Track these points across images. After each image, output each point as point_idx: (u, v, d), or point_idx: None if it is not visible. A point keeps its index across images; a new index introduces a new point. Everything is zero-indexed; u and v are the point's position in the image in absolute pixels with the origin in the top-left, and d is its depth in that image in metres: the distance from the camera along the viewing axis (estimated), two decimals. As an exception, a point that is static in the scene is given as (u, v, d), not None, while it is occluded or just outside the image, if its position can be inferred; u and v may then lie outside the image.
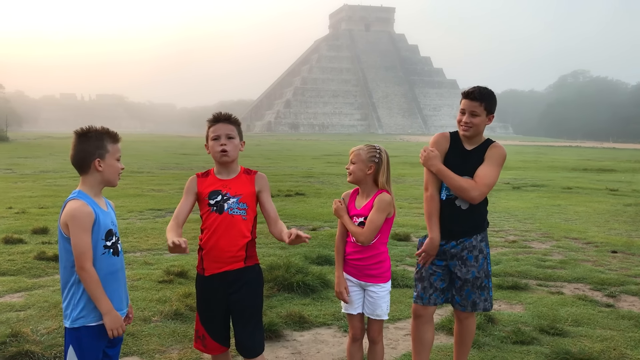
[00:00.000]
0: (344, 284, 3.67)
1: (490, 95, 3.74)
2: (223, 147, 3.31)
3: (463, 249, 3.74)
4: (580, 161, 36.39)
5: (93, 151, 2.91)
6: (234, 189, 3.33)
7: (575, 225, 11.13)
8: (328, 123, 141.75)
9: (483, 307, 3.82)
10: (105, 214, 2.96)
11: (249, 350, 3.34)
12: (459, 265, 3.75)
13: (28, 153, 35.32)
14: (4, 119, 72.81)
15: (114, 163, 2.98)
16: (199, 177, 3.43)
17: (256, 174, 3.44)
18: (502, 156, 3.74)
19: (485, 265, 3.80)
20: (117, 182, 3.05)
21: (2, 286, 6.17)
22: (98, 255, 2.88)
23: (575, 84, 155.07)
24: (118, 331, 2.90)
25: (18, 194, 14.34)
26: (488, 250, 3.85)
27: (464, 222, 3.74)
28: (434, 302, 3.86)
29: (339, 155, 39.25)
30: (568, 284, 6.78)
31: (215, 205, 3.29)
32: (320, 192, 16.18)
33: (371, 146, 3.67)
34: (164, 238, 8.93)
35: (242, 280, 3.30)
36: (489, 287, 3.85)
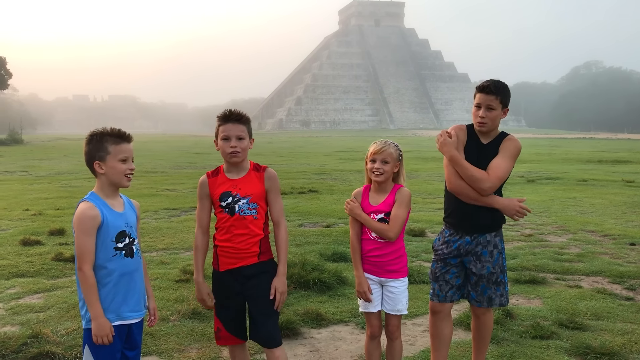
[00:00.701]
0: (366, 284, 3.64)
1: (505, 88, 3.72)
2: (233, 149, 3.34)
3: (477, 245, 3.72)
4: (594, 153, 36.05)
5: (94, 154, 2.95)
6: (244, 189, 3.37)
7: (591, 217, 11.03)
8: (339, 119, 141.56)
9: (499, 302, 3.80)
10: (117, 216, 2.96)
11: (269, 341, 3.42)
12: (473, 261, 3.73)
13: (43, 155, 35.63)
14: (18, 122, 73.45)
15: (116, 164, 2.94)
16: (209, 177, 3.46)
17: (265, 171, 3.45)
18: (516, 148, 3.71)
19: (500, 261, 3.77)
20: (126, 182, 3.00)
21: (21, 287, 6.24)
22: (109, 257, 2.90)
23: (588, 75, 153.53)
24: (103, 339, 2.85)
25: (34, 196, 14.47)
26: (503, 245, 3.82)
27: (480, 217, 3.70)
28: (451, 299, 3.85)
29: (351, 151, 39.20)
30: (586, 278, 6.72)
31: (227, 207, 3.36)
32: (333, 188, 16.17)
33: (394, 144, 3.68)
34: (179, 237, 8.99)
35: (257, 274, 3.38)
36: (505, 282, 3.82)
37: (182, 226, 10.01)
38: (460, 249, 3.74)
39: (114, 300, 2.94)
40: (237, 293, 3.38)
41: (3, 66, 61.53)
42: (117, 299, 2.94)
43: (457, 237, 3.76)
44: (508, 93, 3.72)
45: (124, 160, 2.97)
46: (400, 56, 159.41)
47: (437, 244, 3.89)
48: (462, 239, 3.74)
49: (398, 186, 3.67)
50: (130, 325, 3.02)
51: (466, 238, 3.73)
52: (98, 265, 2.89)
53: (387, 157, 3.59)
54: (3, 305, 5.65)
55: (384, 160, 3.59)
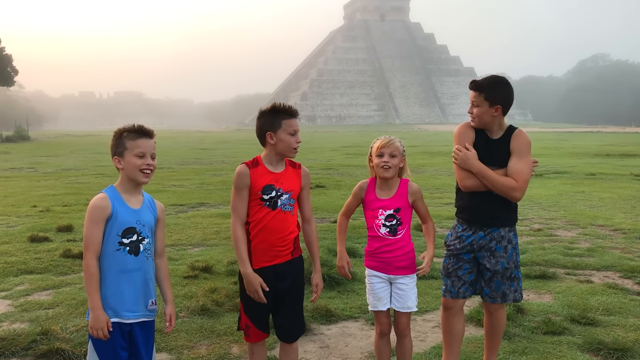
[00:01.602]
0: (346, 258, 3.69)
1: (492, 84, 3.58)
2: (299, 143, 3.37)
3: (491, 240, 3.66)
4: (602, 146, 35.84)
5: (114, 150, 2.98)
6: (286, 184, 3.34)
7: (600, 212, 10.96)
8: (345, 114, 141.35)
9: (513, 297, 3.74)
10: (130, 212, 2.93)
11: (293, 335, 3.47)
12: (487, 256, 3.67)
13: (49, 151, 35.74)
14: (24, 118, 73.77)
15: (132, 159, 2.93)
16: (250, 167, 3.33)
17: (302, 169, 3.47)
18: (528, 144, 3.65)
19: (514, 256, 3.72)
20: (142, 178, 2.96)
21: (30, 284, 6.24)
22: (111, 250, 2.87)
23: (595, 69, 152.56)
24: (98, 332, 2.80)
25: (41, 192, 14.50)
26: (517, 240, 3.77)
27: (494, 210, 3.64)
28: (463, 295, 3.80)
29: (357, 146, 39.13)
30: (597, 272, 6.66)
31: (269, 201, 3.29)
32: (340, 183, 16.13)
33: (396, 139, 3.65)
34: (187, 233, 8.97)
35: (290, 271, 3.38)
36: (519, 277, 3.77)
37: (189, 222, 10.00)
38: (474, 245, 3.69)
39: (113, 296, 2.88)
40: (269, 290, 3.33)
41: (9, 63, 61.60)
42: (115, 295, 2.88)
43: (470, 232, 3.71)
44: (496, 90, 3.57)
45: (141, 155, 2.94)
46: (406, 51, 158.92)
47: (450, 239, 3.84)
48: (476, 234, 3.68)
49: (405, 181, 3.64)
50: (131, 324, 2.94)
51: (479, 233, 3.67)
52: (101, 258, 2.87)
53: (395, 151, 3.57)
54: (12, 302, 5.65)
55: (391, 154, 3.56)
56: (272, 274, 3.33)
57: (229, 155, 31.04)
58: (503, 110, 3.61)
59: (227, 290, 5.72)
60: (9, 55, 61.65)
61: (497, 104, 3.56)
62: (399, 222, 3.57)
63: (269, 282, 3.33)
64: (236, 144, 45.17)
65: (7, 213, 11.12)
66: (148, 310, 3.01)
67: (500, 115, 3.62)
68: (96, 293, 2.82)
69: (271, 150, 3.35)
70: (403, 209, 3.58)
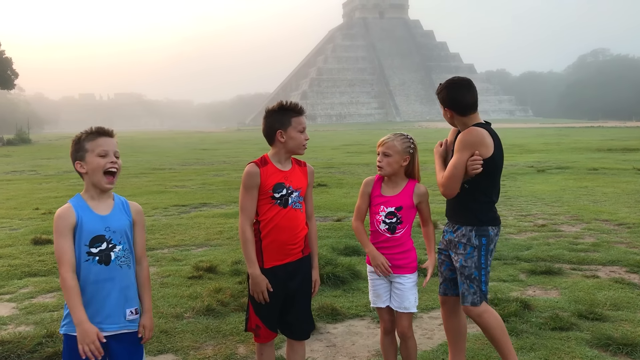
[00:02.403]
0: (381, 256, 3.51)
1: (441, 88, 3.62)
2: (307, 140, 3.37)
3: (456, 236, 3.65)
4: (604, 141, 35.79)
5: (74, 155, 2.82)
6: (295, 182, 3.33)
7: (604, 206, 10.92)
8: (345, 113, 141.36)
9: (471, 300, 3.54)
10: (97, 219, 2.73)
11: (304, 333, 3.48)
12: (453, 253, 3.67)
13: (50, 154, 35.73)
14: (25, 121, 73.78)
15: (94, 159, 2.74)
16: (260, 166, 3.29)
17: (307, 167, 3.47)
18: (461, 142, 3.50)
19: (475, 256, 3.55)
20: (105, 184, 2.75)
21: (34, 287, 6.22)
22: (81, 261, 2.69)
23: (595, 63, 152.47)
24: (90, 347, 2.56)
25: (43, 195, 14.49)
26: (484, 243, 3.56)
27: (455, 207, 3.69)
28: (444, 292, 3.81)
29: (358, 145, 39.12)
30: (603, 267, 6.63)
31: (280, 199, 3.27)
32: (342, 182, 16.10)
33: (403, 135, 3.58)
34: (190, 234, 8.96)
35: (300, 269, 3.37)
36: (480, 280, 3.56)
37: (192, 222, 9.98)
38: (448, 240, 3.72)
39: (87, 308, 2.66)
40: (280, 289, 3.31)
41: (9, 66, 61.67)
42: (90, 307, 2.68)
43: (448, 227, 3.77)
44: (443, 93, 3.58)
45: (104, 154, 2.74)
46: (406, 48, 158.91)
47: None
48: (449, 229, 3.73)
49: (413, 182, 3.58)
50: (107, 338, 2.69)
51: (450, 229, 3.71)
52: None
53: (389, 150, 3.49)
54: (17, 305, 5.63)
55: (385, 153, 3.50)
56: (284, 273, 3.31)
57: (230, 155, 31.02)
58: (455, 111, 3.57)
59: (232, 290, 5.70)
60: (8, 58, 61.72)
61: (446, 107, 3.61)
62: (399, 220, 3.51)
63: (281, 281, 3.31)
64: (237, 144, 45.15)
65: (10, 216, 11.11)
66: (127, 320, 2.80)
67: (457, 116, 3.58)
68: (79, 306, 2.60)
69: (280, 148, 3.32)
70: (405, 208, 3.52)
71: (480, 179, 3.57)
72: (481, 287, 3.57)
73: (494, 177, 3.63)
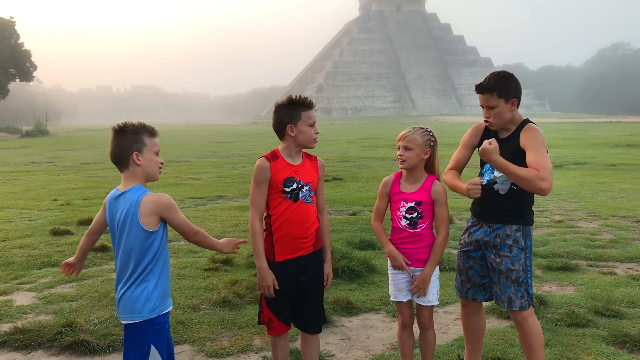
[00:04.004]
0: (401, 257, 3.52)
1: (502, 80, 3.43)
2: (317, 134, 3.39)
3: (496, 237, 3.51)
4: (622, 137, 35.36)
5: (131, 145, 2.92)
6: (305, 176, 3.35)
7: (622, 203, 10.81)
8: (361, 106, 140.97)
9: (520, 304, 3.46)
10: None
11: (316, 325, 3.52)
12: (493, 255, 3.53)
13: (68, 146, 36.11)
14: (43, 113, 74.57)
15: (152, 157, 2.97)
16: (270, 160, 3.31)
17: (318, 161, 3.48)
18: (540, 137, 3.43)
19: (522, 259, 3.48)
20: (158, 175, 3.05)
21: (53, 277, 6.31)
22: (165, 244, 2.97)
23: (614, 58, 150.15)
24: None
25: (62, 186, 14.66)
26: (528, 244, 3.51)
27: (502, 209, 3.51)
28: (473, 297, 3.71)
29: (373, 138, 39.02)
30: (620, 264, 6.58)
31: (291, 193, 3.30)
32: (357, 176, 16.08)
33: (423, 129, 3.57)
34: (206, 226, 9.02)
35: (312, 263, 3.40)
36: (528, 283, 3.49)
37: (208, 215, 10.05)
38: (480, 241, 3.59)
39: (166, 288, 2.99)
40: (292, 283, 3.35)
41: (28, 59, 62.28)
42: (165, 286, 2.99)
43: (477, 226, 3.63)
44: (508, 83, 3.43)
45: (157, 153, 3.00)
46: (422, 41, 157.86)
47: (462, 233, 3.79)
48: (482, 228, 3.58)
49: (432, 177, 3.56)
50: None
51: (485, 229, 3.57)
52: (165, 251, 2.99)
53: (410, 143, 3.48)
54: (37, 295, 5.73)
55: (406, 146, 3.49)
56: (295, 267, 3.34)
57: (246, 148, 31.11)
58: (518, 102, 3.49)
59: (248, 283, 5.74)
60: (27, 50, 62.31)
61: (512, 98, 3.44)
62: (420, 215, 3.51)
63: (292, 274, 3.34)
64: (252, 137, 45.26)
65: (29, 207, 11.26)
66: None
67: (516, 108, 3.51)
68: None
69: (291, 142, 3.34)
70: (425, 203, 3.51)
71: None
72: (528, 290, 3.51)
73: None
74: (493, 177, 3.55)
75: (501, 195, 3.52)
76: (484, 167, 3.64)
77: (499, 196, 3.52)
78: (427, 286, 3.54)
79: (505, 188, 3.51)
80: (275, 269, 3.33)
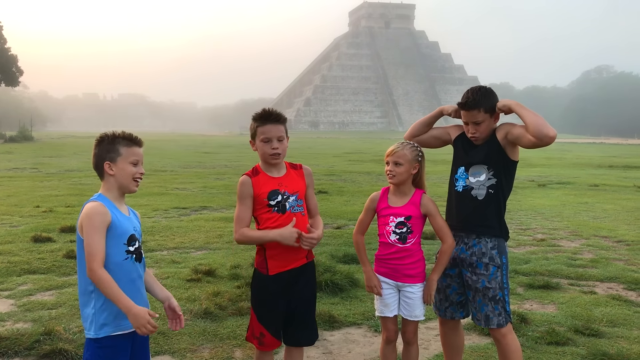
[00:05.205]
0: (375, 279, 3.60)
1: (486, 95, 3.45)
2: (275, 150, 3.26)
3: (472, 255, 3.53)
4: (605, 158, 35.83)
5: (104, 155, 2.84)
6: (290, 187, 3.33)
7: (604, 223, 10.93)
8: (348, 121, 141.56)
9: (497, 322, 3.47)
10: (126, 219, 2.86)
11: (308, 338, 3.49)
12: (469, 272, 3.54)
13: (53, 152, 35.79)
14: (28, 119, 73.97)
15: (126, 166, 2.84)
16: (251, 177, 3.32)
17: (303, 169, 3.45)
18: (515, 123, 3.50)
19: (499, 277, 3.49)
20: (134, 187, 2.89)
21: (33, 284, 6.24)
22: (120, 260, 2.76)
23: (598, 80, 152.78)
24: (147, 328, 2.64)
25: (45, 193, 14.52)
26: (504, 261, 3.52)
27: (480, 214, 3.52)
28: (451, 315, 3.73)
29: (360, 153, 39.14)
30: (600, 284, 6.64)
31: (277, 206, 3.27)
32: (343, 190, 16.10)
33: (411, 144, 3.60)
34: (190, 237, 8.98)
35: (304, 275, 3.38)
36: (505, 300, 3.50)
37: (192, 225, 10.00)
38: (456, 258, 3.60)
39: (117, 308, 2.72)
40: (285, 296, 3.33)
41: (14, 64, 61.85)
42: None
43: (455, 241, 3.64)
44: (491, 98, 3.47)
45: (135, 163, 2.87)
46: (410, 58, 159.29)
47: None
48: (458, 245, 3.58)
49: (420, 192, 3.59)
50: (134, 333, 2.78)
51: (461, 246, 3.58)
52: (108, 269, 2.69)
53: (400, 159, 3.51)
54: (15, 302, 5.65)
55: (395, 162, 3.52)
56: (288, 279, 3.32)
57: (232, 159, 31.06)
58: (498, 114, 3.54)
59: (230, 294, 5.71)
60: (14, 55, 61.89)
61: (495, 111, 3.49)
62: (409, 230, 3.53)
63: (285, 286, 3.32)
64: (239, 148, 45.19)
65: (10, 213, 11.13)
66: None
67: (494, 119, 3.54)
68: (122, 294, 2.64)
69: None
70: (414, 217, 3.53)
71: (507, 184, 3.55)
72: (506, 308, 3.51)
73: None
74: (468, 182, 3.58)
75: (479, 200, 3.54)
76: (457, 172, 3.66)
77: (477, 202, 3.54)
78: (432, 292, 3.57)
79: (483, 193, 3.53)
80: (270, 282, 3.31)
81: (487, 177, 3.53)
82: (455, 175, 3.68)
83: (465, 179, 3.60)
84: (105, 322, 2.73)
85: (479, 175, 3.55)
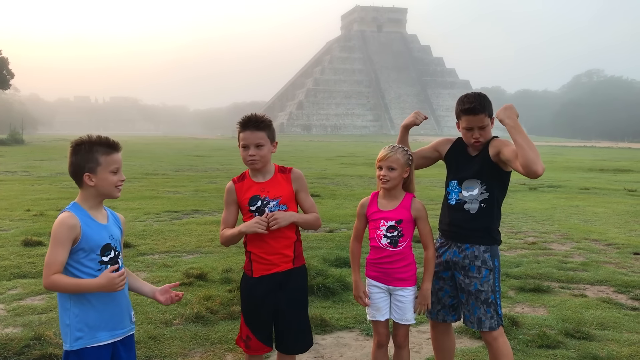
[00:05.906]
0: (362, 288, 3.64)
1: (486, 100, 3.54)
2: (252, 157, 3.30)
3: (465, 258, 3.55)
4: (596, 161, 36.03)
5: (83, 165, 2.75)
6: (272, 192, 3.33)
7: (594, 226, 11.00)
8: (340, 124, 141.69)
9: (489, 325, 3.50)
10: (100, 228, 2.77)
11: (300, 347, 3.46)
12: (462, 275, 3.57)
13: (44, 155, 35.60)
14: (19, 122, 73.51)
15: (107, 176, 2.76)
16: (236, 182, 3.40)
17: (292, 172, 3.44)
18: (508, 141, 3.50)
19: (491, 280, 3.52)
20: (117, 194, 2.83)
21: (23, 289, 6.20)
22: (93, 272, 2.69)
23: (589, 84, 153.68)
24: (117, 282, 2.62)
25: (35, 197, 14.43)
26: (497, 264, 3.56)
27: (472, 227, 3.55)
28: (443, 318, 3.74)
29: (352, 156, 39.18)
30: (591, 287, 6.68)
31: (257, 211, 3.30)
32: (335, 193, 16.11)
33: (401, 148, 3.62)
34: (181, 240, 8.95)
35: (291, 280, 3.36)
36: (497, 304, 3.54)
37: (184, 229, 9.97)
38: (449, 261, 3.63)
39: (102, 318, 2.73)
40: (270, 300, 3.32)
41: (5, 66, 61.56)
42: (104, 316, 2.74)
43: (446, 246, 3.67)
44: (490, 103, 3.56)
45: (115, 171, 2.79)
46: (402, 62, 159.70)
47: None
48: (451, 249, 3.62)
49: (410, 195, 3.61)
50: (115, 343, 2.80)
51: (454, 249, 3.61)
52: None
53: (393, 164, 3.53)
54: (5, 307, 5.61)
55: (389, 166, 3.53)
56: (272, 283, 3.32)
57: (224, 162, 31.00)
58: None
59: (222, 298, 5.70)
60: (5, 58, 61.64)
61: (492, 116, 3.56)
62: (400, 234, 3.54)
63: (269, 291, 3.32)
64: (231, 152, 45.09)
65: (1, 216, 11.06)
66: (131, 323, 2.91)
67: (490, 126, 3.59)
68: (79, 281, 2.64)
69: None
70: (405, 221, 3.54)
71: (501, 193, 3.57)
72: (497, 311, 3.54)
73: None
74: (461, 196, 3.60)
75: (472, 214, 3.56)
76: (449, 186, 3.69)
77: (469, 215, 3.56)
78: (429, 301, 3.58)
79: (475, 207, 3.55)
80: (253, 284, 3.34)
81: (479, 191, 3.55)
82: (447, 189, 3.71)
83: (458, 193, 3.62)
84: (79, 336, 2.69)
85: (472, 190, 3.57)
